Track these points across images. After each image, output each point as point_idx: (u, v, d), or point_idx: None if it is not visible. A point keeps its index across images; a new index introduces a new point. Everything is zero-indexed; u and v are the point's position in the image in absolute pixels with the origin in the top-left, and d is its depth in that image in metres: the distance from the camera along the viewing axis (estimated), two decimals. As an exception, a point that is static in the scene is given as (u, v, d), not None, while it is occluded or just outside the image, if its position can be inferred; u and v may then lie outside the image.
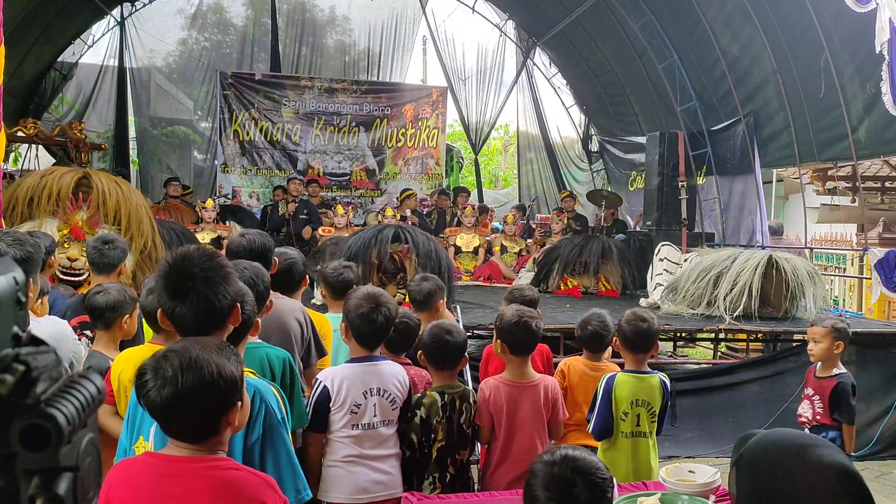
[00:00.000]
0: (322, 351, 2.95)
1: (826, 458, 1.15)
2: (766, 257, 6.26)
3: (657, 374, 2.92)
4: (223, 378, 1.44)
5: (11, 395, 0.54)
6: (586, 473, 1.48)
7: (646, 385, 2.85)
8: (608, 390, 2.83)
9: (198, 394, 1.41)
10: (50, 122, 10.77)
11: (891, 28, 5.83)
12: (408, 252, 5.99)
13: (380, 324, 2.52)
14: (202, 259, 1.76)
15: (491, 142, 18.86)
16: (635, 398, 2.82)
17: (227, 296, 1.75)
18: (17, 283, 0.63)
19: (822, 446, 1.19)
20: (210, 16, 12.82)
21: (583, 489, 1.46)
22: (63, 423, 0.54)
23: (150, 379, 1.43)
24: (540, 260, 8.31)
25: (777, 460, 1.19)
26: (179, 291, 1.72)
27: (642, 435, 2.84)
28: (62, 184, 4.45)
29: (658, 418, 2.89)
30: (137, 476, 1.47)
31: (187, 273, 1.72)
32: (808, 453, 1.17)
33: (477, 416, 2.69)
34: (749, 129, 8.94)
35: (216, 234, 8.05)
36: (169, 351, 1.46)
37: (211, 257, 1.79)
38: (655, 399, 2.85)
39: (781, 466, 1.18)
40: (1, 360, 0.56)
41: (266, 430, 1.75)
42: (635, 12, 9.43)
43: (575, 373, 3.26)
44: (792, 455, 1.18)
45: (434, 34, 13.26)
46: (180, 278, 1.73)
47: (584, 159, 13.74)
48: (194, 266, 1.73)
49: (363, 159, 12.28)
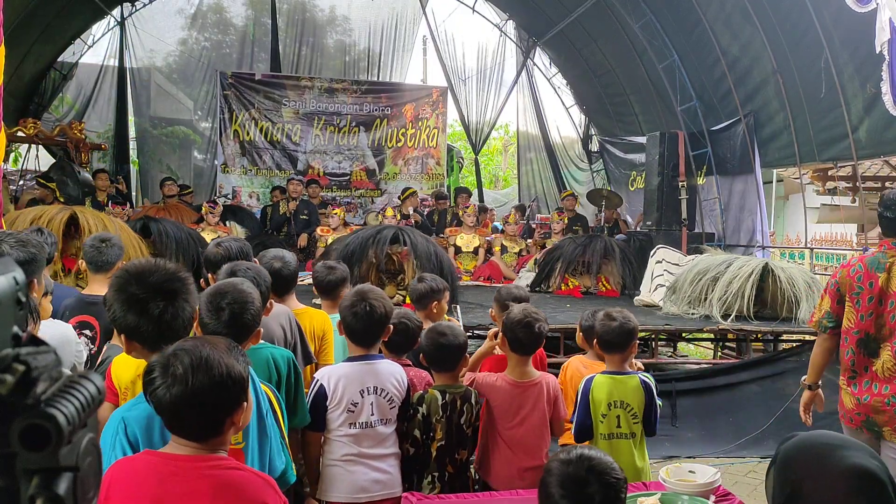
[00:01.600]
0: (309, 358, 2.93)
1: (848, 461, 1.16)
2: (761, 266, 6.25)
3: (637, 375, 2.84)
4: (232, 379, 1.45)
5: (11, 395, 0.54)
6: (600, 473, 1.51)
7: (623, 386, 2.78)
8: (586, 392, 2.78)
9: (206, 394, 1.42)
10: (50, 122, 10.78)
11: (891, 28, 5.83)
12: (407, 254, 6.00)
13: (363, 317, 2.52)
14: (160, 272, 1.77)
15: (491, 142, 18.86)
16: (613, 399, 2.75)
17: (184, 313, 1.77)
18: (18, 283, 0.63)
19: (850, 448, 1.20)
20: (210, 16, 12.82)
21: (597, 489, 1.50)
22: (63, 423, 0.54)
23: (158, 376, 1.43)
24: (541, 260, 8.31)
25: (803, 461, 1.22)
26: (138, 310, 1.73)
27: (622, 437, 2.77)
28: (52, 226, 4.55)
29: (644, 419, 2.81)
30: (137, 474, 1.46)
31: (147, 292, 1.74)
32: (832, 455, 1.19)
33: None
34: (749, 129, 8.94)
35: (216, 234, 8.05)
36: (179, 349, 1.46)
37: (170, 272, 1.80)
38: (634, 400, 2.77)
39: (806, 467, 1.21)
40: (1, 360, 0.56)
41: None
42: (635, 12, 9.43)
43: (571, 370, 3.28)
44: (817, 456, 1.21)
45: (434, 34, 13.27)
46: (138, 297, 1.74)
47: (584, 159, 13.74)
48: (153, 280, 1.75)
49: (363, 159, 12.28)
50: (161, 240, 6.29)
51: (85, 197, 8.76)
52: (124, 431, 1.64)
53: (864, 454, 1.19)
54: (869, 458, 1.18)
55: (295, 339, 2.85)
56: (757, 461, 5.26)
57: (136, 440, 1.64)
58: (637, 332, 2.86)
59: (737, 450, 5.40)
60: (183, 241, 6.35)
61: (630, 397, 2.78)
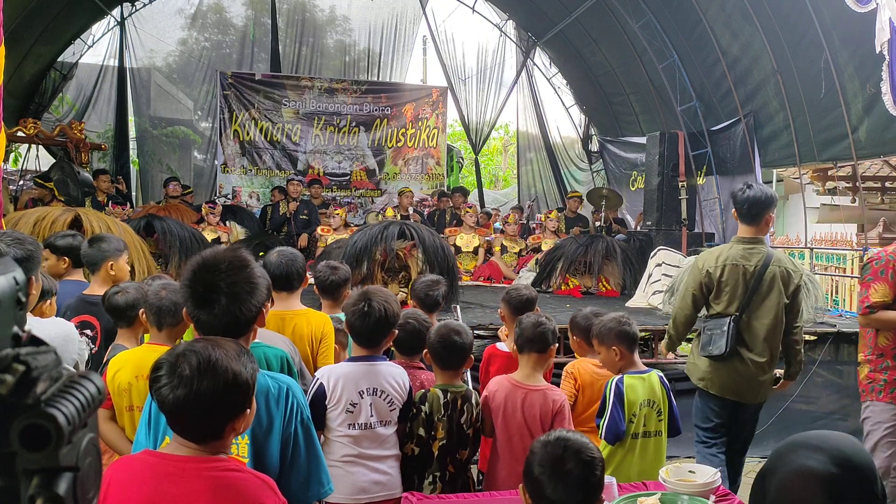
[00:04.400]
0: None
1: (797, 462, 1.18)
2: None
3: (655, 372, 2.95)
4: (238, 385, 1.44)
5: (11, 395, 0.54)
6: (575, 451, 1.67)
7: (649, 384, 2.87)
8: (619, 394, 2.79)
9: (210, 398, 1.41)
10: (50, 122, 10.78)
11: (891, 28, 5.83)
12: (412, 249, 5.99)
13: (367, 318, 2.52)
14: (229, 272, 1.76)
15: (491, 142, 18.87)
16: (644, 399, 2.82)
17: (252, 308, 1.78)
18: (18, 283, 0.63)
19: (810, 449, 1.19)
20: (210, 16, 12.83)
21: (574, 465, 1.65)
22: (63, 423, 0.54)
23: (165, 375, 1.43)
24: (542, 260, 8.32)
25: (771, 460, 1.25)
26: (204, 302, 1.74)
27: (649, 435, 2.85)
28: (55, 228, 4.56)
29: (669, 416, 2.89)
30: (136, 474, 1.46)
31: (212, 285, 1.74)
32: (789, 455, 1.20)
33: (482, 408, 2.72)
34: (749, 129, 8.94)
35: (216, 234, 8.05)
36: (189, 350, 1.45)
37: (238, 270, 1.78)
38: (659, 397, 2.86)
39: (771, 466, 1.24)
40: (1, 360, 0.56)
41: (301, 426, 1.79)
42: (635, 12, 9.43)
43: (586, 373, 3.24)
44: (779, 456, 1.23)
45: (434, 34, 13.27)
46: (205, 289, 1.74)
47: (584, 159, 13.74)
48: (220, 280, 1.74)
49: (363, 159, 12.29)
50: (165, 238, 6.30)
51: (85, 197, 8.76)
52: None
53: (821, 456, 1.16)
54: (827, 460, 1.16)
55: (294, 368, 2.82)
56: (757, 461, 5.25)
57: None
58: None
59: (737, 450, 5.40)
60: (186, 241, 6.36)
61: (655, 394, 2.86)
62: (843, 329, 5.88)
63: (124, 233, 5.03)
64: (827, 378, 5.86)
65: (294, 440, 1.77)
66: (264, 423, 1.73)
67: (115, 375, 2.43)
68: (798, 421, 5.50)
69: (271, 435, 1.73)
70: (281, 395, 1.77)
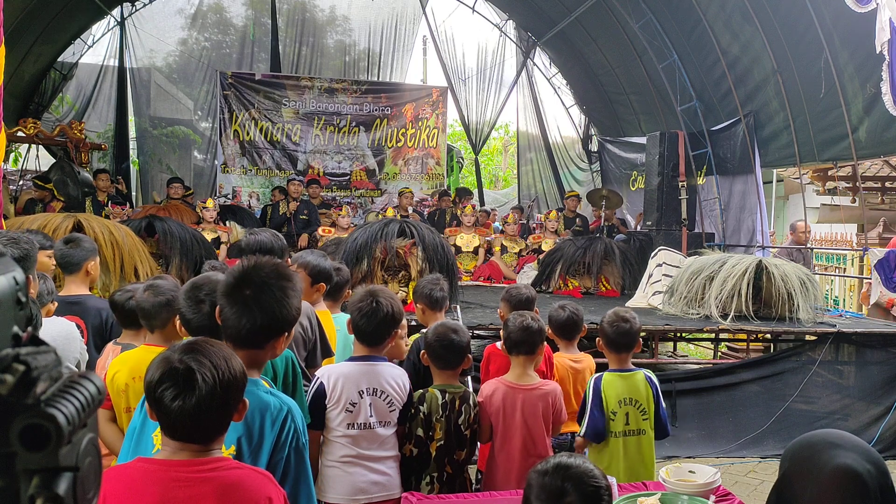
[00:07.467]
0: (328, 352, 2.95)
1: (835, 461, 1.17)
2: (754, 263, 6.24)
3: (642, 371, 2.95)
4: (238, 384, 1.48)
5: (11, 395, 0.54)
6: (578, 481, 1.45)
7: (631, 383, 2.88)
8: (597, 391, 2.85)
9: (218, 402, 1.44)
10: (50, 122, 10.78)
11: (891, 28, 5.83)
12: (412, 247, 5.98)
13: (371, 317, 2.53)
14: (270, 276, 1.85)
15: (491, 142, 18.87)
16: (623, 397, 2.85)
17: (291, 311, 1.85)
18: (17, 283, 0.63)
19: (841, 448, 1.20)
20: (210, 16, 12.82)
21: (575, 498, 1.43)
22: (63, 423, 0.54)
23: (168, 387, 1.42)
24: (542, 260, 8.32)
25: (796, 459, 1.25)
26: (245, 310, 1.80)
27: (633, 433, 2.86)
28: (57, 234, 4.54)
29: (655, 417, 2.90)
30: (136, 483, 1.44)
31: (257, 294, 1.82)
32: (823, 454, 1.19)
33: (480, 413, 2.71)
34: (749, 129, 8.94)
35: (216, 234, 8.04)
36: (187, 356, 1.45)
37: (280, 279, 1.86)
38: (643, 396, 2.87)
39: (798, 465, 1.24)
40: (1, 360, 0.56)
41: (294, 452, 1.78)
42: (635, 12, 9.43)
43: (562, 367, 3.35)
44: (809, 455, 1.23)
45: (434, 34, 13.27)
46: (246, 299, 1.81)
47: (584, 159, 13.73)
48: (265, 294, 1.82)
49: (363, 159, 12.28)
50: (166, 239, 6.29)
51: (85, 197, 8.76)
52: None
53: (854, 455, 1.18)
54: (860, 458, 1.18)
55: (315, 337, 2.86)
56: (757, 461, 5.26)
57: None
58: (640, 331, 2.99)
59: (737, 450, 5.41)
60: (187, 241, 6.35)
61: (638, 393, 2.86)
62: (843, 329, 5.87)
63: (126, 236, 5.02)
64: (827, 378, 5.86)
65: (285, 466, 1.75)
66: (255, 439, 1.72)
67: (114, 377, 2.42)
68: (798, 421, 5.50)
69: (260, 452, 1.71)
70: (279, 415, 1.76)
